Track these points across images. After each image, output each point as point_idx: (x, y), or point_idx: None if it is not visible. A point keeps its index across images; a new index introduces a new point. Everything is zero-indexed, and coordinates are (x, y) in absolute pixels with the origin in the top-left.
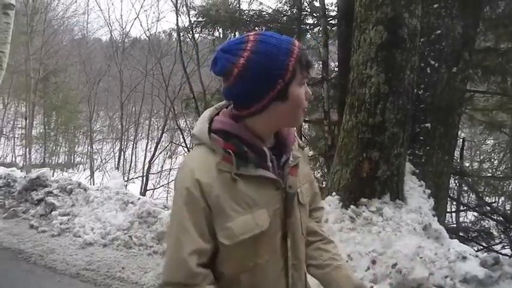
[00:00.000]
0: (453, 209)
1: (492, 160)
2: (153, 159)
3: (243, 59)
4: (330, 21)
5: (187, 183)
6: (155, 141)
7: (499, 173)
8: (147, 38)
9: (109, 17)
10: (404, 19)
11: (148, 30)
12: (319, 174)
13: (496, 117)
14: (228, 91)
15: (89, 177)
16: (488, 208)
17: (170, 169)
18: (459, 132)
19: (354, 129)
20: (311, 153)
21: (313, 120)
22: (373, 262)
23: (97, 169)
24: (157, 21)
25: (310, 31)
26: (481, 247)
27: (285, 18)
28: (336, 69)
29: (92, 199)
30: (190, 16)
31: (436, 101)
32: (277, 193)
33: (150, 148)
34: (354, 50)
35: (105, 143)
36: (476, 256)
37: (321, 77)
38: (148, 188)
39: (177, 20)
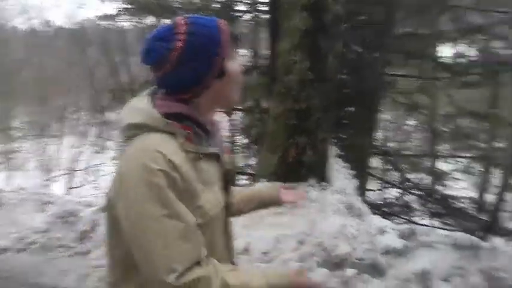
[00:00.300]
0: (380, 187)
1: (412, 139)
2: (80, 155)
3: (181, 43)
4: (261, 8)
5: (162, 166)
6: (82, 136)
7: (419, 151)
8: (71, 27)
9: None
10: (328, 5)
11: (71, 18)
12: (253, 163)
13: (416, 100)
14: (167, 78)
15: (6, 178)
16: (410, 184)
17: (98, 165)
18: (384, 115)
19: (281, 116)
20: (245, 141)
21: (245, 108)
22: (301, 243)
23: (15, 169)
24: (80, 8)
25: (241, 18)
26: (404, 220)
27: (216, 5)
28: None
29: (5, 201)
30: (117, 3)
31: (360, 85)
32: (219, 170)
33: (77, 144)
34: (280, 36)
35: (25, 140)
36: (395, 229)
37: (251, 64)
38: (73, 186)
39: (102, 7)
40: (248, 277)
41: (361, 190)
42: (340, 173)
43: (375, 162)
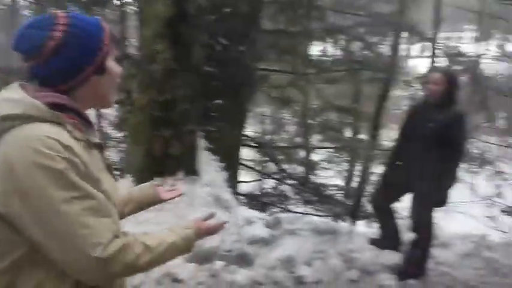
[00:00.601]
0: (257, 178)
1: (286, 132)
2: None
3: (60, 33)
4: None
5: (59, 152)
6: None
7: (292, 143)
8: None
9: None
10: None
11: None
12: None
13: (288, 94)
14: (41, 68)
15: None
16: (285, 174)
17: None
18: (261, 109)
19: (145, 107)
20: (118, 135)
21: (117, 101)
22: None
23: None
24: None
25: (109, 5)
26: (280, 209)
27: None
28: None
29: None
30: None
31: (227, 78)
32: (103, 162)
33: None
34: (142, 24)
35: None
36: (262, 219)
37: (121, 54)
38: None
39: None
40: (162, 236)
41: (232, 182)
42: (209, 165)
43: (252, 154)
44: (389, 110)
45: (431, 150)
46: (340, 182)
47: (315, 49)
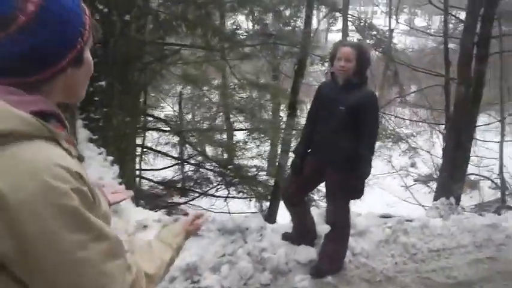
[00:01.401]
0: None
1: (203, 114)
2: None
3: (33, 6)
4: None
5: (71, 183)
6: None
7: (209, 125)
8: None
9: None
10: None
11: None
12: None
13: (202, 71)
14: (4, 47)
15: None
16: (204, 157)
17: None
18: (178, 88)
19: None
20: None
21: None
22: None
23: None
24: None
25: None
26: (200, 193)
27: None
28: None
29: None
30: None
31: (110, 54)
32: None
33: None
34: None
35: None
36: (159, 220)
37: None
38: None
39: None
40: (160, 255)
41: (128, 178)
42: (94, 160)
43: (168, 138)
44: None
45: (343, 136)
46: (261, 163)
47: (227, 22)
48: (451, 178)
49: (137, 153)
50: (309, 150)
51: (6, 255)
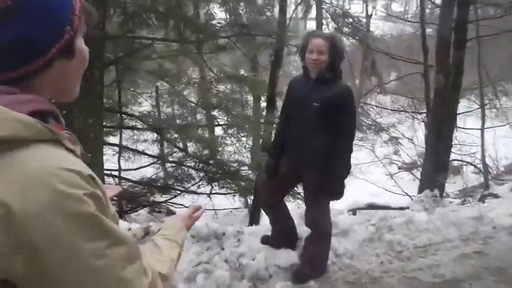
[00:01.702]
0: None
1: (185, 109)
2: None
3: None
4: None
5: (85, 188)
6: None
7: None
8: None
9: None
10: None
11: None
12: None
13: (173, 65)
14: None
15: None
16: (184, 154)
17: None
18: (154, 84)
19: None
20: None
21: None
22: None
23: None
24: None
25: None
26: (181, 191)
27: None
28: None
29: None
30: None
31: None
32: None
33: None
34: None
35: None
36: (129, 229)
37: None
38: None
39: None
40: (169, 252)
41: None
42: None
43: (148, 136)
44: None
45: (319, 134)
46: (243, 157)
47: (201, 13)
48: (434, 168)
49: (114, 153)
50: (284, 150)
51: (14, 273)
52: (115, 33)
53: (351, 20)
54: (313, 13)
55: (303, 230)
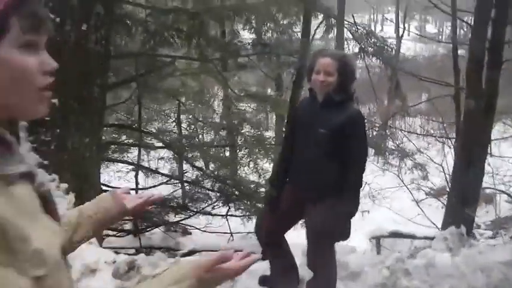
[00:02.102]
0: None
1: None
2: None
3: None
4: None
5: None
6: None
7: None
8: None
9: None
10: None
11: None
12: None
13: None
14: None
15: None
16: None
17: None
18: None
19: None
20: None
21: None
22: None
23: None
24: None
25: None
26: (195, 212)
27: None
28: None
29: None
30: None
31: (62, 68)
32: (36, 194)
33: None
34: None
35: None
36: (114, 261)
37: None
38: None
39: None
40: None
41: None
42: None
43: (163, 154)
44: None
45: (325, 164)
46: (259, 178)
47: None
48: (463, 199)
49: (128, 170)
50: (287, 179)
51: None
52: (136, 50)
53: (374, 39)
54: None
55: (305, 270)
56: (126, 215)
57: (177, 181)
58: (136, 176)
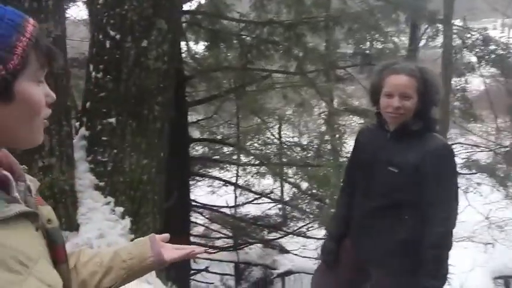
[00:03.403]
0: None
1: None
2: None
3: None
4: None
5: None
6: None
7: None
8: None
9: None
10: None
11: None
12: None
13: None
14: None
15: None
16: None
17: None
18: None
19: None
20: None
21: None
22: None
23: None
24: None
25: None
26: (288, 233)
27: None
28: None
29: None
30: None
31: (123, 86)
32: (38, 234)
33: None
34: None
35: None
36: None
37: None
38: None
39: None
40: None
41: (140, 232)
42: (97, 212)
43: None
44: None
45: (397, 216)
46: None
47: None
48: None
49: (219, 185)
50: (346, 231)
51: None
52: (233, 64)
53: (493, 46)
54: (438, 39)
55: None
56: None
57: (270, 200)
58: (235, 196)
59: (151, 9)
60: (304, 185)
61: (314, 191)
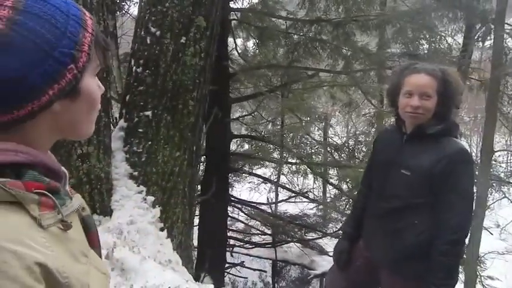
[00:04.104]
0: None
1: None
2: None
3: (3, 22)
4: None
5: (20, 280)
6: None
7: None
8: None
9: None
10: None
11: None
12: None
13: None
14: None
15: None
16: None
17: None
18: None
19: None
20: None
21: None
22: None
23: None
24: None
25: None
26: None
27: None
28: None
29: None
30: None
31: (160, 81)
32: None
33: None
34: None
35: None
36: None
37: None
38: None
39: None
40: None
41: (169, 222)
42: (129, 200)
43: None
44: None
45: (409, 218)
46: None
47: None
48: None
49: (258, 182)
50: (360, 234)
51: None
52: (280, 62)
53: None
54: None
55: None
56: None
57: (308, 200)
58: (276, 194)
59: (191, 6)
60: (345, 186)
61: (355, 192)
